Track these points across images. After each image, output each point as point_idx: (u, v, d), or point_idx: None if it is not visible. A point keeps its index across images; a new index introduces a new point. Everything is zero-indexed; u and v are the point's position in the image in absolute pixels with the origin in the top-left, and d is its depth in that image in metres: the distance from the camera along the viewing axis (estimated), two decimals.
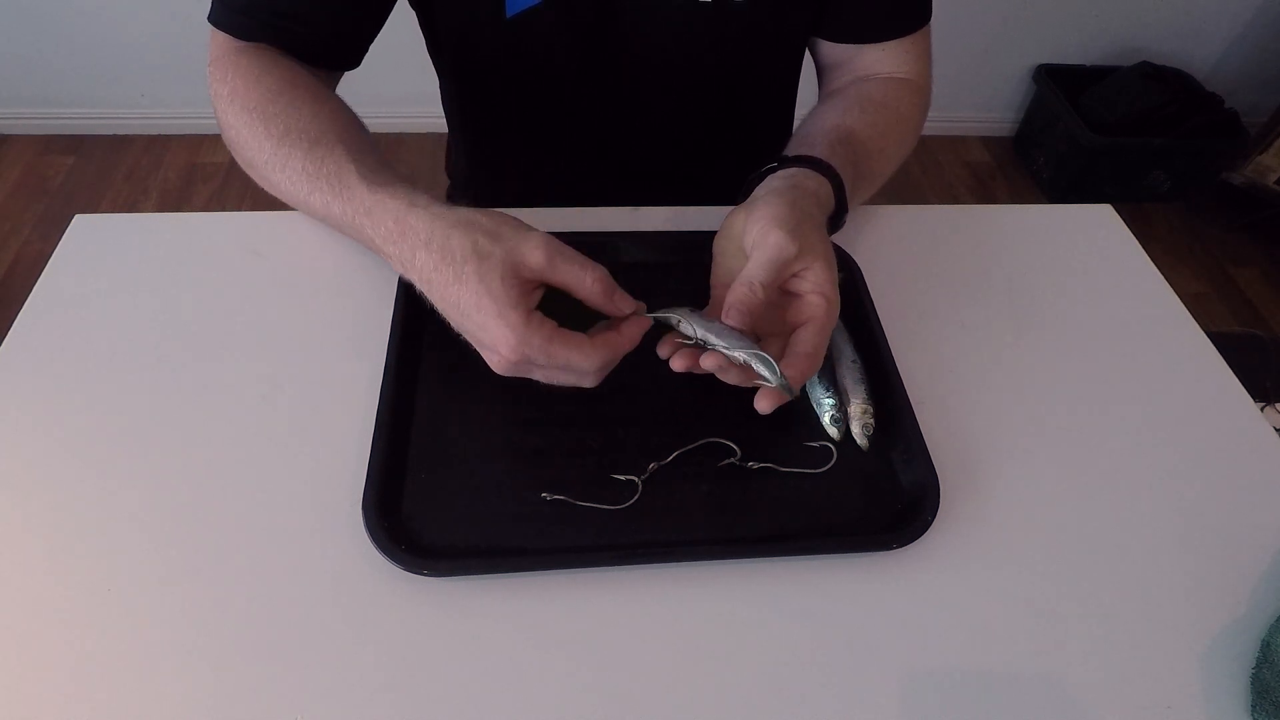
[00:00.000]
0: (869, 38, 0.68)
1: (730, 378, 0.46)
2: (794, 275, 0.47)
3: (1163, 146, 1.90)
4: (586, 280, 0.43)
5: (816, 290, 0.46)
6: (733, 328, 0.45)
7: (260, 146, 0.54)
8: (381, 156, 0.54)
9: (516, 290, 0.42)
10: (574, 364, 0.43)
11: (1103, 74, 1.99)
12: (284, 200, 0.56)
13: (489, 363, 0.44)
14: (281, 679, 0.40)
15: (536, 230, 0.44)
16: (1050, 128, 2.02)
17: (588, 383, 0.45)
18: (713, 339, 0.45)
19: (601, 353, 0.43)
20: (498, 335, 0.42)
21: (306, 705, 0.40)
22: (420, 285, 0.46)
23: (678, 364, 0.46)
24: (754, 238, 0.47)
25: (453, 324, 0.45)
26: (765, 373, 0.44)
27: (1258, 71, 2.06)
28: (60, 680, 0.40)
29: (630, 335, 0.45)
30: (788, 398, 0.45)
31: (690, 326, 0.46)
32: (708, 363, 0.45)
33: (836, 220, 0.56)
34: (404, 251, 0.46)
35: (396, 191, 0.48)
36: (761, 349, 0.44)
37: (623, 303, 0.45)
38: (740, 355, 0.44)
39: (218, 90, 0.57)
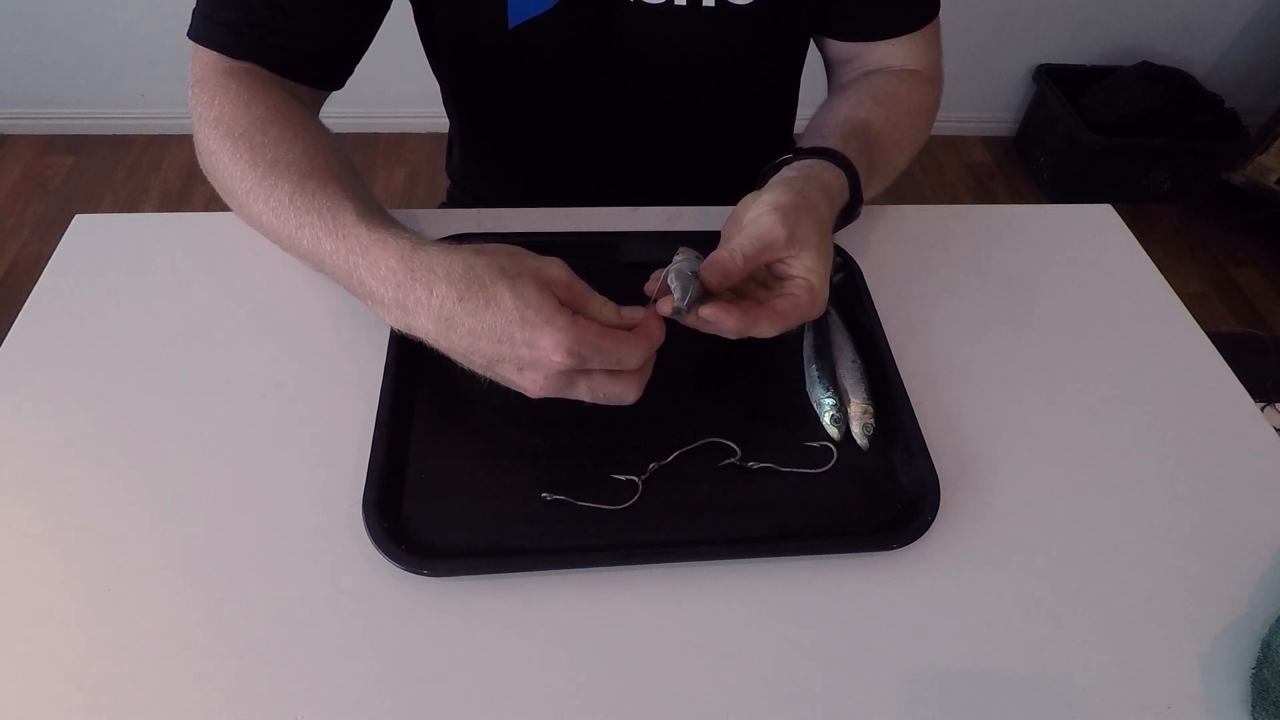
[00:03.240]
0: (880, 35, 0.68)
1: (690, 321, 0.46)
2: (782, 261, 0.48)
3: (1163, 146, 1.90)
4: (596, 298, 0.44)
5: (804, 275, 0.47)
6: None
7: (244, 175, 0.52)
8: (377, 200, 0.53)
9: (553, 299, 0.42)
10: (624, 358, 0.43)
11: (1103, 74, 1.99)
12: (264, 233, 0.53)
13: (529, 388, 0.43)
14: (282, 679, 0.40)
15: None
16: (1050, 128, 2.02)
17: (631, 395, 0.44)
18: (671, 277, 0.46)
19: (643, 343, 0.44)
20: (549, 342, 0.41)
21: (306, 705, 0.40)
22: (431, 325, 0.44)
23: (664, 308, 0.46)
24: (751, 217, 0.49)
25: (480, 360, 0.44)
26: (675, 289, 0.45)
27: (1258, 71, 2.06)
28: (60, 680, 0.40)
29: (656, 326, 0.45)
30: (680, 317, 0.46)
31: (675, 268, 0.47)
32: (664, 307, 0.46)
33: (851, 212, 0.57)
34: (413, 292, 0.44)
35: (399, 233, 0.47)
36: (735, 308, 0.45)
37: (632, 312, 0.45)
38: (670, 273, 0.46)
39: (203, 114, 0.55)
